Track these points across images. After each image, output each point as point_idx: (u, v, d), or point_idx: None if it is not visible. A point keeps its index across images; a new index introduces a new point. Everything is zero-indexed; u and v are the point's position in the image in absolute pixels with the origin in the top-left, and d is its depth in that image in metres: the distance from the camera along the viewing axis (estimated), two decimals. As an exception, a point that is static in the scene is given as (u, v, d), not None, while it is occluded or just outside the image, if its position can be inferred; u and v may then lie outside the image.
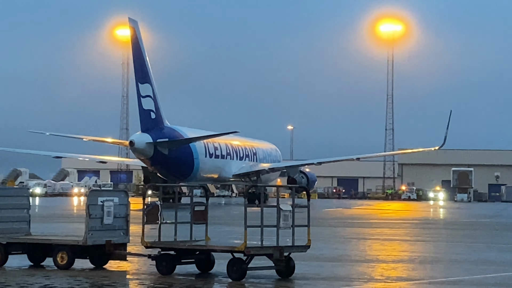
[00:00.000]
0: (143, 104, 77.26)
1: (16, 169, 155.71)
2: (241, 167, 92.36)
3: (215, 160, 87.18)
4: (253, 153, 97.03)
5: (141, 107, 77.32)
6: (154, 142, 76.90)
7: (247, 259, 20.28)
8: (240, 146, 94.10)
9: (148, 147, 76.91)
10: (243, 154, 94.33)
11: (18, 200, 23.96)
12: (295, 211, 20.61)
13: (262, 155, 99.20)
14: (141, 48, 77.60)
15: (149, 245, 21.49)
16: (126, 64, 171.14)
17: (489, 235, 41.60)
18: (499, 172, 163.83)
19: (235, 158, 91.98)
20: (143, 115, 77.54)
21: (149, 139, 76.82)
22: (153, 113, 77.70)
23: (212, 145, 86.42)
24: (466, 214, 74.47)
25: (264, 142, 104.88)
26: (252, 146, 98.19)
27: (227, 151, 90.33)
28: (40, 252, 22.79)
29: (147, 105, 77.45)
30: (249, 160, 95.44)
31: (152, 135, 77.11)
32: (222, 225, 43.32)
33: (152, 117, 77.58)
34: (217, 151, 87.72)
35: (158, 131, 77.88)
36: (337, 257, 26.70)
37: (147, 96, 77.39)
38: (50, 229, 36.72)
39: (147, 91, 77.36)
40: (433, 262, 25.80)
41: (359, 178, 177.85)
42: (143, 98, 77.16)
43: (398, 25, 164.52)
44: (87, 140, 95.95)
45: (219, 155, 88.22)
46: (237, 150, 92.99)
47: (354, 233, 40.56)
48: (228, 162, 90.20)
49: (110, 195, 22.61)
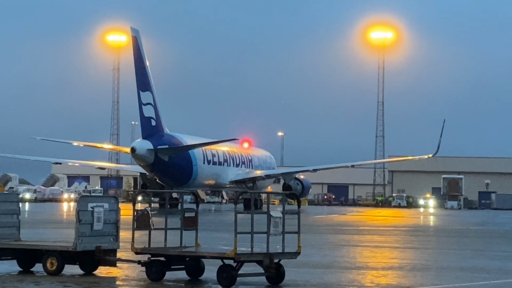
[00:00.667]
0: (144, 112, 79.23)
1: (6, 175, 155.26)
2: (237, 173, 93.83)
3: (213, 167, 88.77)
4: (248, 160, 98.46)
5: (142, 115, 79.26)
6: (154, 149, 78.56)
7: (237, 265, 20.26)
8: (236, 153, 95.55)
9: (149, 153, 78.63)
10: (239, 161, 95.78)
11: (8, 205, 23.89)
12: (287, 217, 20.60)
13: (257, 162, 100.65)
14: (143, 56, 79.58)
15: (139, 251, 21.45)
16: (117, 70, 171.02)
17: (479, 243, 41.66)
18: (489, 180, 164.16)
19: (231, 165, 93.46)
20: (144, 122, 79.56)
21: (150, 145, 78.55)
22: (154, 120, 79.69)
23: (210, 152, 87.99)
24: (456, 222, 74.58)
25: (258, 149, 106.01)
26: (248, 153, 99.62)
27: (224, 158, 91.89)
28: (30, 258, 22.71)
29: (147, 113, 79.42)
30: (245, 167, 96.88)
31: (153, 142, 78.83)
32: (212, 231, 43.28)
33: (152, 124, 79.52)
34: (214, 158, 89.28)
35: (159, 138, 79.73)
36: (327, 264, 26.69)
37: (148, 103, 79.27)
38: (39, 234, 36.63)
39: (148, 99, 79.22)
40: (423, 269, 25.82)
41: (350, 185, 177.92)
42: (144, 105, 79.04)
43: (389, 32, 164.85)
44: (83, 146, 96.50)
45: (217, 162, 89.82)
46: (233, 157, 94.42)
47: (344, 240, 40.58)
48: (225, 169, 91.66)
49: (100, 201, 22.57)
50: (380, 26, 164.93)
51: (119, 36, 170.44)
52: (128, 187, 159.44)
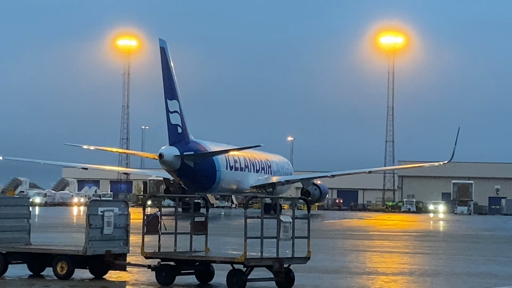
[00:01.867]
0: (171, 119, 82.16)
1: (16, 179, 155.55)
2: (257, 179, 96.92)
3: (235, 173, 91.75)
4: (268, 166, 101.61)
5: (169, 122, 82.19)
6: (181, 155, 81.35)
7: (247, 270, 20.27)
8: (256, 159, 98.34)
9: (176, 159, 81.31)
10: (259, 167, 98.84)
11: (18, 209, 23.97)
12: (300, 222, 20.62)
13: (276, 168, 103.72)
14: (170, 66, 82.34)
15: (148, 256, 21.49)
16: (127, 74, 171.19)
17: (489, 248, 41.56)
18: (500, 185, 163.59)
19: (252, 171, 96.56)
20: (171, 129, 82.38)
21: (177, 152, 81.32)
22: (180, 127, 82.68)
23: (232, 158, 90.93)
24: (466, 227, 74.41)
25: (277, 155, 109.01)
26: (267, 159, 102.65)
27: (245, 163, 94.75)
28: (40, 262, 22.77)
29: (174, 120, 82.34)
30: (265, 172, 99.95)
31: (179, 148, 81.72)
32: (222, 236, 43.29)
33: (178, 131, 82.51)
34: (236, 164, 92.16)
35: (185, 145, 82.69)
36: (337, 269, 26.67)
37: (175, 111, 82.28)
38: (50, 238, 36.69)
39: (174, 107, 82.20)
40: (433, 275, 25.78)
41: (359, 189, 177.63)
42: (171, 113, 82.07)
43: (399, 37, 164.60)
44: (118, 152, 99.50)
45: (239, 168, 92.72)
46: (254, 163, 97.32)
47: (354, 245, 40.53)
48: (246, 175, 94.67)
49: (110, 205, 22.61)
50: (390, 32, 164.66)
51: (129, 40, 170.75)
52: (138, 191, 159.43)
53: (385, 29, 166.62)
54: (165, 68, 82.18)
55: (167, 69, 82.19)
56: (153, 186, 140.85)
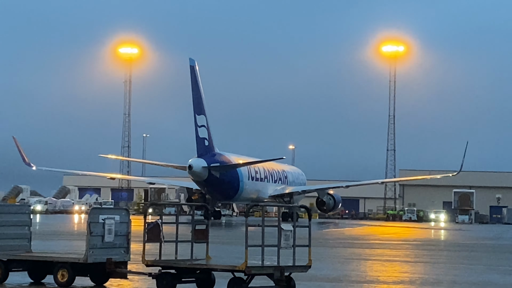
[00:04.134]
0: (199, 133, 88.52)
1: (17, 186, 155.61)
2: (275, 189, 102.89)
3: (256, 183, 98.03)
4: (284, 176, 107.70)
5: (197, 135, 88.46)
6: (208, 166, 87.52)
7: (248, 278, 20.27)
8: (274, 170, 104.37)
9: (204, 170, 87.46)
10: (277, 177, 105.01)
11: (19, 217, 23.98)
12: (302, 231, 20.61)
13: (291, 178, 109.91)
14: (198, 84, 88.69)
15: (149, 264, 21.49)
16: (128, 82, 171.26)
17: (490, 257, 41.51)
18: (501, 194, 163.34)
19: (271, 181, 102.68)
20: (199, 142, 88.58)
21: (204, 163, 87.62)
22: (207, 140, 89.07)
23: (253, 169, 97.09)
24: (467, 236, 74.34)
25: (291, 166, 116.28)
26: (283, 170, 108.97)
27: (265, 174, 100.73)
28: (41, 269, 22.77)
29: (202, 134, 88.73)
30: (281, 183, 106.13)
31: (207, 160, 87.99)
32: (223, 244, 43.26)
33: (205, 144, 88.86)
34: (257, 175, 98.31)
35: (211, 157, 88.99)
36: (338, 278, 26.65)
37: (202, 126, 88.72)
38: (50, 246, 36.70)
39: (202, 122, 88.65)
40: (434, 283, 25.76)
41: (360, 198, 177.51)
42: (199, 127, 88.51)
43: (400, 46, 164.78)
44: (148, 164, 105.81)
45: (259, 178, 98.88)
46: (272, 174, 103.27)
47: (355, 254, 40.51)
48: (265, 185, 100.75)
49: (111, 213, 22.62)
50: (392, 40, 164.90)
51: (131, 48, 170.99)
52: (139, 199, 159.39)
53: (386, 37, 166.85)
54: (194, 85, 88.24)
55: (196, 86, 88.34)
56: (154, 194, 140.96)
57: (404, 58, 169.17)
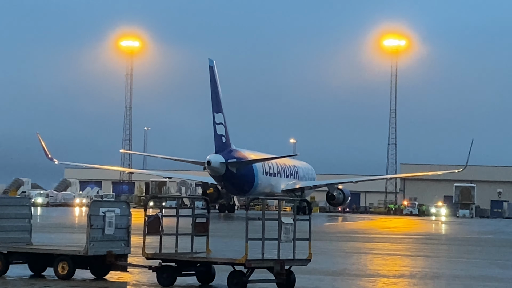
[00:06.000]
0: (217, 130, 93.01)
1: (18, 179, 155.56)
2: (287, 183, 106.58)
3: (270, 178, 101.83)
4: (295, 171, 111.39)
5: (215, 132, 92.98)
6: (226, 162, 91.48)
7: (248, 271, 20.28)
8: (286, 165, 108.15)
9: (221, 166, 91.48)
10: (288, 172, 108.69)
11: (20, 209, 23.99)
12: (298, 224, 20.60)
13: (302, 174, 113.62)
14: (217, 83, 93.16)
15: (150, 257, 21.50)
16: (129, 76, 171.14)
17: (491, 252, 41.51)
18: (502, 189, 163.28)
19: (283, 176, 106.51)
20: (216, 139, 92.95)
21: (222, 159, 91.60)
22: (224, 137, 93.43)
23: (267, 164, 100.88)
24: (468, 230, 74.35)
25: (302, 162, 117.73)
26: (294, 165, 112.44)
27: (277, 170, 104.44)
28: (41, 262, 22.78)
29: (220, 131, 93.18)
30: (293, 178, 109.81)
31: (224, 156, 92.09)
32: (223, 238, 43.27)
33: (223, 141, 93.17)
34: (271, 170, 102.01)
35: (228, 153, 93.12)
36: (338, 271, 26.66)
37: (220, 123, 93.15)
38: (51, 239, 36.73)
39: (220, 119, 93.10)
40: (434, 277, 25.76)
41: (361, 192, 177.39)
42: (217, 125, 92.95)
43: (402, 40, 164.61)
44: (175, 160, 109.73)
45: (272, 174, 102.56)
46: (284, 169, 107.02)
47: (355, 247, 40.52)
48: (278, 180, 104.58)
49: (112, 206, 22.63)
50: (393, 34, 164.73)
51: (132, 41, 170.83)
52: (140, 192, 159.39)
53: (388, 31, 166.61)
54: (213, 84, 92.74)
55: (215, 85, 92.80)
56: (155, 187, 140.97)
57: (405, 52, 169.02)
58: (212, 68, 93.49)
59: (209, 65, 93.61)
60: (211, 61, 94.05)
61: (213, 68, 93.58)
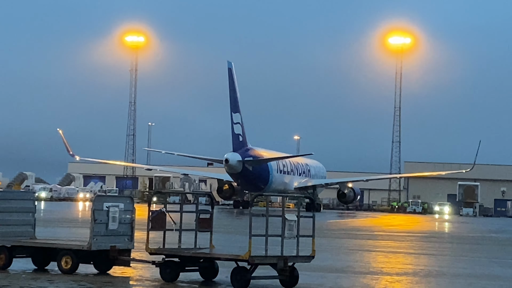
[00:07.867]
0: (235, 129, 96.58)
1: (22, 173, 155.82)
2: (300, 181, 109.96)
3: (283, 176, 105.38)
4: (307, 170, 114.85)
5: (233, 132, 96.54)
6: (242, 160, 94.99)
7: (251, 268, 20.27)
8: (299, 163, 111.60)
9: (238, 164, 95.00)
10: (301, 170, 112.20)
11: (24, 203, 24.00)
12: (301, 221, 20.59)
13: (313, 172, 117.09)
14: (235, 84, 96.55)
15: (153, 252, 21.51)
16: (134, 71, 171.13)
17: (494, 250, 41.50)
18: (505, 187, 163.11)
19: (296, 174, 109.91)
20: (234, 138, 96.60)
21: (239, 157, 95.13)
22: (241, 136, 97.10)
23: (281, 163, 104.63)
24: (471, 229, 74.29)
25: (313, 160, 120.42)
26: (307, 164, 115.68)
27: (291, 168, 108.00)
28: (45, 256, 22.80)
29: (237, 130, 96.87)
30: (305, 176, 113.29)
31: (241, 154, 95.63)
32: (227, 234, 43.28)
33: (240, 140, 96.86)
34: (284, 168, 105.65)
35: (245, 151, 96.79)
36: (341, 268, 26.66)
37: (237, 123, 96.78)
38: (55, 233, 36.76)
39: (237, 119, 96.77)
40: (437, 275, 25.75)
41: (365, 190, 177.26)
42: (235, 124, 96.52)
43: (407, 38, 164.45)
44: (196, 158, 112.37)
45: (286, 172, 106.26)
46: (297, 167, 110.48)
47: (359, 245, 40.50)
48: (292, 177, 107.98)
49: (116, 201, 22.63)
50: (398, 32, 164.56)
51: (137, 37, 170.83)
52: (143, 187, 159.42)
53: (393, 29, 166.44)
54: (231, 86, 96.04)
55: (233, 86, 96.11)
56: (159, 183, 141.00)
57: (410, 50, 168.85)
58: (230, 70, 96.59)
59: (228, 67, 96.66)
60: (230, 63, 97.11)
61: (231, 70, 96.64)
